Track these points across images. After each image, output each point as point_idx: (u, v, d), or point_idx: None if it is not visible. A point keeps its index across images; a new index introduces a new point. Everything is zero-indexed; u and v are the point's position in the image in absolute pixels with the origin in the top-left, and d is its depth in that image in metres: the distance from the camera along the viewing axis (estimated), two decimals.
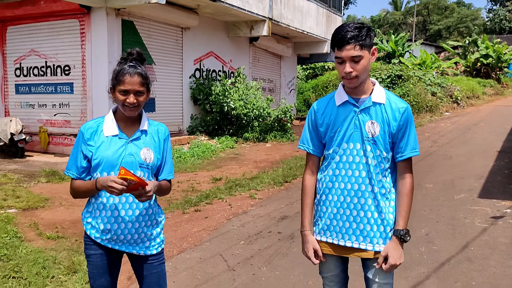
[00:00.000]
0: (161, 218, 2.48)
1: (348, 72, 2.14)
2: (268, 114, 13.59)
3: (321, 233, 2.35)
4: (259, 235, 5.20)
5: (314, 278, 4.01)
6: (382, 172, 2.24)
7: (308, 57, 21.41)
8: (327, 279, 2.42)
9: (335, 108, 2.30)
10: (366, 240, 2.25)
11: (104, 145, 2.28)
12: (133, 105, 2.25)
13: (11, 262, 4.07)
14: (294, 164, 9.40)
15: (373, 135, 2.22)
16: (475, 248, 4.66)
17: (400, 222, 2.23)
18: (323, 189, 2.34)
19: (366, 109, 2.24)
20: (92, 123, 2.35)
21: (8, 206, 5.99)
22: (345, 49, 2.11)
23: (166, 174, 2.43)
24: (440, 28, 52.56)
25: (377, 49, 2.26)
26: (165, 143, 2.43)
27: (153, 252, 2.41)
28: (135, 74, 2.24)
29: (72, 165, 2.33)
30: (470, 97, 23.10)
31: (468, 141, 11.91)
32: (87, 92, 10.36)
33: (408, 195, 2.24)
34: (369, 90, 2.26)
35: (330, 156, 2.31)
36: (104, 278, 2.38)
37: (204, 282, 3.97)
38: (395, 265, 2.21)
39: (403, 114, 2.23)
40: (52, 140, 10.93)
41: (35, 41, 11.09)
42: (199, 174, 8.71)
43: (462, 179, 7.75)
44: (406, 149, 2.24)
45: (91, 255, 2.37)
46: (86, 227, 2.36)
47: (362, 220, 2.25)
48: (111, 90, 2.31)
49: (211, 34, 13.73)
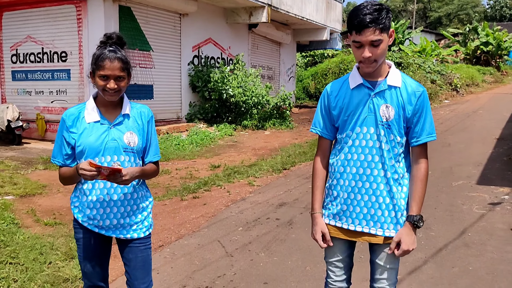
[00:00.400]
0: (148, 201, 2.47)
1: (367, 57, 2.06)
2: (267, 102, 13.53)
3: (330, 217, 2.32)
4: (257, 222, 5.20)
5: (312, 263, 4.01)
6: (396, 157, 2.20)
7: (308, 44, 21.27)
8: (332, 264, 2.36)
9: (349, 91, 2.24)
10: (377, 225, 2.22)
11: (86, 132, 2.26)
12: (113, 90, 2.21)
13: (8, 248, 4.05)
14: (293, 152, 9.38)
15: (387, 119, 2.16)
16: (472, 234, 4.66)
17: (414, 207, 2.19)
18: (335, 174, 2.29)
19: (381, 92, 2.17)
20: (73, 109, 2.33)
21: (5, 192, 5.97)
22: (364, 33, 2.02)
23: (152, 156, 2.42)
24: (441, 15, 52.25)
25: (394, 30, 2.17)
26: (149, 125, 2.40)
27: (140, 236, 2.39)
28: (115, 59, 2.20)
29: (57, 153, 2.32)
30: (469, 85, 23.02)
31: (467, 129, 11.89)
32: (84, 79, 10.29)
33: (422, 181, 2.19)
34: (385, 73, 2.20)
35: (343, 140, 2.26)
36: (95, 261, 2.38)
37: (202, 268, 3.97)
38: (408, 250, 2.18)
39: (419, 98, 2.16)
40: (50, 127, 10.88)
41: (31, 27, 10.98)
42: (198, 162, 8.69)
43: (461, 166, 7.74)
44: (422, 134, 2.19)
45: (79, 239, 2.37)
46: (73, 211, 2.36)
47: (373, 205, 2.21)
48: (91, 75, 2.27)
49: (209, 20, 13.61)
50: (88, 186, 2.29)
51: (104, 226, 2.33)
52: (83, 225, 2.34)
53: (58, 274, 3.66)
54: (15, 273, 3.63)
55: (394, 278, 2.30)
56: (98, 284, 2.43)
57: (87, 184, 2.29)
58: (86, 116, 2.29)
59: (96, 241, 2.36)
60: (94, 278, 2.40)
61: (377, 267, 2.29)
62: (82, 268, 2.40)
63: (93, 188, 2.29)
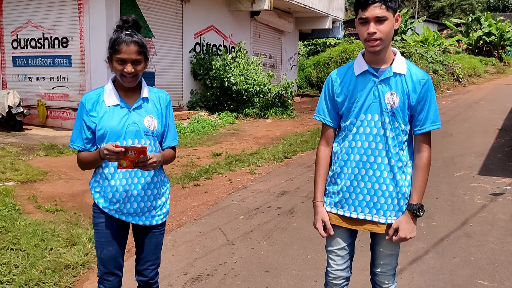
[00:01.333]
0: (166, 187, 2.50)
1: (372, 33, 2.04)
2: (268, 90, 13.48)
3: (332, 205, 2.31)
4: (258, 210, 5.20)
5: (313, 252, 4.01)
6: (400, 145, 2.18)
7: (310, 33, 21.15)
8: (333, 253, 2.35)
9: (353, 78, 2.22)
10: (380, 212, 2.21)
11: (107, 115, 2.26)
12: (131, 74, 2.22)
13: (9, 234, 4.06)
14: (295, 141, 9.36)
15: (392, 107, 2.15)
16: (474, 224, 4.66)
17: (414, 196, 2.19)
18: (338, 161, 2.28)
19: (386, 79, 2.16)
20: (92, 93, 2.33)
21: (6, 179, 5.97)
22: (370, 8, 2.03)
23: (170, 141, 2.43)
24: (443, 5, 51.83)
25: (400, 16, 2.16)
26: (167, 110, 2.41)
27: (158, 223, 2.44)
28: (131, 42, 2.19)
29: (76, 137, 2.32)
30: (471, 75, 22.92)
31: (469, 119, 11.86)
32: (85, 65, 10.23)
33: (424, 170, 2.18)
34: (390, 60, 2.18)
35: (347, 128, 2.25)
36: (112, 247, 2.38)
37: (203, 255, 3.97)
38: (405, 238, 2.19)
39: (424, 86, 2.15)
40: (51, 113, 10.85)
41: (32, 13, 10.89)
42: (199, 149, 8.68)
43: (462, 156, 7.72)
44: (426, 122, 2.17)
45: (99, 223, 2.37)
46: (94, 196, 2.37)
47: (376, 193, 2.20)
48: (108, 60, 2.27)
49: (211, 7, 13.50)
50: (110, 170, 2.29)
51: (124, 212, 2.34)
52: (104, 211, 2.34)
53: (59, 260, 3.67)
54: (16, 259, 3.63)
55: (394, 263, 2.32)
56: (114, 272, 2.41)
57: (108, 169, 2.30)
58: (105, 99, 2.29)
59: (115, 226, 2.37)
60: (110, 264, 2.39)
61: (377, 252, 2.31)
62: (98, 254, 2.40)
63: (115, 172, 2.29)
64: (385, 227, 2.22)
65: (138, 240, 2.48)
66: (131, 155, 2.10)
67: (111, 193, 2.31)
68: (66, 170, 6.69)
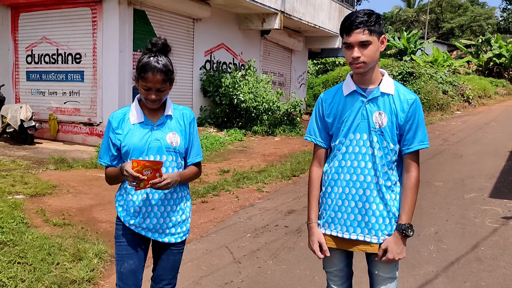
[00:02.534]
0: (187, 205, 2.51)
1: (356, 57, 2.09)
2: (277, 108, 13.52)
3: (326, 226, 2.30)
4: (265, 228, 5.16)
5: (320, 273, 3.96)
6: (389, 164, 2.20)
7: (319, 52, 21.27)
8: (331, 274, 2.37)
9: (342, 98, 2.26)
10: (371, 232, 2.21)
11: (131, 133, 2.35)
12: (154, 101, 2.30)
13: (17, 247, 4.05)
14: (303, 159, 9.34)
15: (380, 126, 2.17)
16: (485, 248, 4.59)
17: (403, 216, 2.18)
18: (328, 181, 2.29)
19: (374, 99, 2.19)
20: (119, 112, 2.42)
21: (16, 192, 6.00)
22: (353, 33, 2.08)
23: (194, 157, 2.47)
24: (453, 26, 51.93)
25: (386, 38, 2.22)
26: (191, 127, 2.46)
27: (177, 241, 2.45)
28: (157, 72, 2.25)
29: (103, 154, 2.42)
30: (481, 97, 22.84)
31: (479, 141, 11.77)
32: (97, 81, 10.35)
33: (412, 189, 2.18)
34: (378, 81, 2.22)
35: (337, 147, 2.27)
36: (133, 261, 2.39)
37: (210, 274, 3.94)
38: (394, 259, 2.17)
39: (412, 105, 2.18)
40: (62, 128, 10.95)
41: (47, 29, 11.07)
42: (207, 166, 8.68)
43: (473, 178, 7.65)
44: (414, 141, 2.18)
45: (121, 235, 2.41)
46: (117, 210, 2.43)
47: (367, 212, 2.20)
48: (135, 79, 2.35)
49: (222, 26, 13.66)
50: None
51: (144, 227, 2.37)
52: (125, 225, 2.39)
53: (65, 275, 3.66)
54: (23, 273, 3.63)
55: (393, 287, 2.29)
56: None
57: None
58: (131, 117, 2.38)
59: (136, 240, 2.41)
60: (129, 280, 2.38)
61: (375, 277, 2.29)
62: (118, 268, 2.41)
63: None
64: (377, 246, 2.21)
65: (156, 257, 2.50)
66: (148, 175, 2.17)
67: (132, 207, 2.37)
68: (75, 184, 6.72)
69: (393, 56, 26.85)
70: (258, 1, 12.70)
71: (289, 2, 14.41)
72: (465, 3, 55.16)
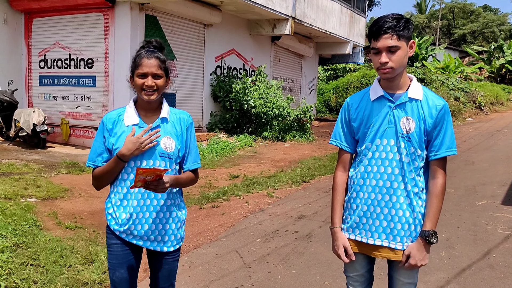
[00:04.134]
0: (182, 212, 2.43)
1: (384, 63, 2.07)
2: (287, 114, 13.53)
3: (350, 231, 2.29)
4: (275, 233, 5.16)
5: (330, 278, 3.95)
6: (416, 170, 2.17)
7: (330, 57, 21.27)
8: (352, 279, 2.36)
9: (369, 103, 2.24)
10: (396, 239, 2.19)
11: (124, 134, 2.25)
12: (151, 88, 2.22)
13: (29, 249, 4.10)
14: (313, 165, 9.33)
15: (407, 132, 2.15)
16: (497, 255, 4.54)
17: (427, 223, 2.17)
18: (354, 186, 2.28)
19: (401, 104, 2.17)
20: (113, 113, 2.34)
21: (28, 195, 6.06)
22: (381, 38, 2.06)
23: (191, 164, 2.38)
24: (465, 33, 51.66)
25: (415, 43, 2.19)
26: (188, 132, 2.37)
27: (170, 250, 2.37)
28: (152, 57, 2.23)
29: (93, 156, 2.30)
30: (494, 103, 22.65)
31: (491, 147, 11.67)
32: (109, 86, 10.45)
33: (438, 196, 2.16)
34: (406, 86, 2.20)
35: (363, 153, 2.25)
36: (124, 270, 2.33)
37: (220, 278, 3.95)
38: (416, 265, 2.16)
39: (440, 111, 2.15)
40: (73, 132, 11.05)
41: (59, 34, 11.22)
42: (217, 171, 8.71)
43: (485, 185, 7.58)
44: (441, 148, 2.16)
45: (112, 244, 2.33)
46: (107, 218, 2.34)
47: (393, 218, 2.19)
48: (131, 79, 2.29)
49: (233, 31, 13.73)
50: (123, 190, 2.28)
51: (135, 234, 2.29)
52: (115, 233, 2.31)
53: (77, 278, 3.69)
54: (35, 275, 3.66)
55: None
56: None
57: (121, 188, 2.28)
58: (125, 119, 2.29)
59: (127, 249, 2.33)
60: (121, 287, 2.35)
61: (395, 281, 2.28)
62: (110, 276, 2.35)
63: (128, 192, 2.27)
64: (401, 253, 2.20)
65: (151, 265, 2.44)
66: (149, 179, 2.08)
67: (123, 213, 2.28)
68: (86, 188, 6.77)
69: None
70: (269, 7, 12.75)
71: (300, 8, 14.45)
72: (477, 9, 54.87)
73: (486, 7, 57.28)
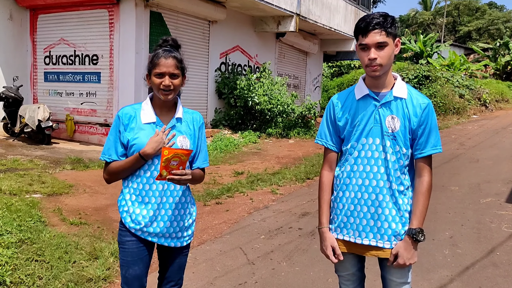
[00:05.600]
0: (193, 208, 2.49)
1: (373, 59, 2.07)
2: (292, 110, 13.53)
3: (337, 231, 2.29)
4: (279, 230, 5.17)
5: (334, 275, 3.94)
6: (401, 169, 2.18)
7: (335, 54, 21.23)
8: (343, 278, 2.38)
9: (354, 102, 2.25)
10: (384, 238, 2.19)
11: (141, 132, 2.27)
12: (168, 88, 2.24)
13: (34, 245, 4.12)
14: (317, 161, 9.32)
15: (393, 130, 2.16)
16: (501, 253, 4.54)
17: (414, 221, 2.17)
18: (340, 186, 2.28)
19: (387, 103, 2.18)
20: (129, 108, 2.34)
21: (33, 191, 6.09)
22: (370, 34, 2.06)
23: (200, 162, 2.42)
24: (470, 30, 51.38)
25: (400, 41, 2.21)
26: (200, 131, 2.42)
27: (183, 245, 2.42)
28: (169, 57, 2.26)
29: (108, 150, 2.31)
30: (499, 101, 22.58)
31: (496, 145, 11.63)
32: (113, 82, 10.47)
33: (424, 194, 2.17)
34: (391, 84, 2.20)
35: (348, 152, 2.26)
36: (138, 267, 2.34)
37: (224, 274, 3.96)
38: (404, 264, 2.16)
39: (424, 110, 2.16)
40: (78, 128, 11.09)
41: (65, 30, 11.24)
42: (221, 168, 8.72)
43: (489, 183, 7.56)
44: (427, 146, 2.17)
45: (125, 242, 2.34)
46: (121, 215, 2.35)
47: (379, 217, 2.19)
48: (147, 77, 2.31)
49: (238, 28, 13.71)
50: (145, 187, 2.29)
51: (151, 231, 2.31)
52: (130, 230, 2.32)
53: (82, 274, 3.71)
54: (40, 271, 3.69)
55: None
56: None
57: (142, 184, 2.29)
58: (142, 116, 2.31)
59: (141, 246, 2.34)
60: (134, 285, 2.35)
61: (388, 282, 2.28)
62: (123, 273, 2.36)
63: (145, 190, 2.29)
64: (390, 251, 2.20)
65: (162, 260, 2.47)
66: (173, 166, 2.09)
67: (141, 210, 2.29)
68: (91, 184, 6.80)
69: (409, 59, 26.67)
70: (274, 4, 12.72)
71: (304, 5, 14.42)
72: (483, 6, 54.55)
73: (491, 4, 56.93)
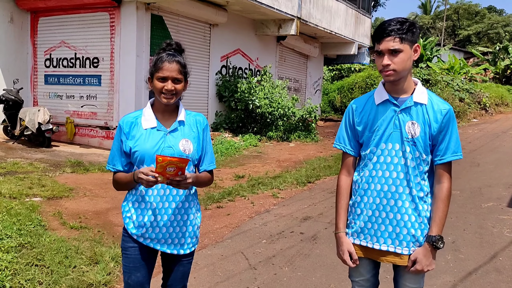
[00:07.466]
0: (198, 215, 2.45)
1: (386, 65, 2.07)
2: (292, 114, 13.52)
3: (355, 236, 2.28)
4: (281, 235, 5.15)
5: (336, 281, 3.93)
6: (421, 175, 2.16)
7: (335, 58, 21.23)
8: (357, 284, 2.35)
9: (374, 107, 2.23)
10: (402, 244, 2.18)
11: (143, 138, 2.26)
12: (170, 92, 2.23)
13: (34, 250, 4.09)
14: (318, 165, 9.30)
15: (413, 136, 2.14)
16: (504, 258, 4.51)
17: (434, 228, 2.15)
18: (358, 191, 2.26)
19: (407, 109, 2.16)
20: (130, 116, 2.34)
21: (33, 194, 6.06)
22: (384, 41, 2.06)
23: (207, 165, 2.40)
24: (470, 34, 51.41)
25: (420, 46, 2.18)
26: (204, 133, 2.40)
27: (186, 252, 2.38)
28: (173, 61, 2.25)
29: (112, 159, 2.32)
30: (499, 104, 22.58)
31: (497, 149, 11.62)
32: (114, 85, 10.45)
33: (444, 201, 2.15)
34: (411, 90, 2.18)
35: (367, 157, 2.24)
36: (140, 273, 2.32)
37: (225, 280, 3.93)
38: (422, 270, 2.15)
39: (445, 115, 2.14)
40: (78, 131, 11.07)
41: (65, 33, 11.23)
42: (222, 171, 8.69)
43: (490, 187, 7.54)
44: (447, 152, 2.15)
45: (128, 248, 2.33)
46: (124, 221, 2.34)
47: (398, 223, 2.17)
48: (149, 80, 2.30)
49: (238, 31, 13.72)
50: (141, 193, 2.28)
51: (153, 237, 2.29)
52: (133, 237, 2.32)
53: (82, 279, 3.68)
54: (40, 276, 3.66)
55: None
56: None
57: (140, 191, 2.28)
58: (143, 122, 2.29)
59: (144, 252, 2.33)
60: None
61: (401, 286, 2.27)
62: (125, 279, 2.35)
63: (146, 195, 2.28)
64: (407, 258, 2.18)
65: (165, 267, 2.44)
66: (170, 172, 2.06)
67: (141, 216, 2.28)
68: (91, 187, 6.78)
69: None
70: (275, 7, 12.73)
71: (305, 8, 14.42)
72: (482, 10, 54.64)
73: (491, 8, 57.03)
